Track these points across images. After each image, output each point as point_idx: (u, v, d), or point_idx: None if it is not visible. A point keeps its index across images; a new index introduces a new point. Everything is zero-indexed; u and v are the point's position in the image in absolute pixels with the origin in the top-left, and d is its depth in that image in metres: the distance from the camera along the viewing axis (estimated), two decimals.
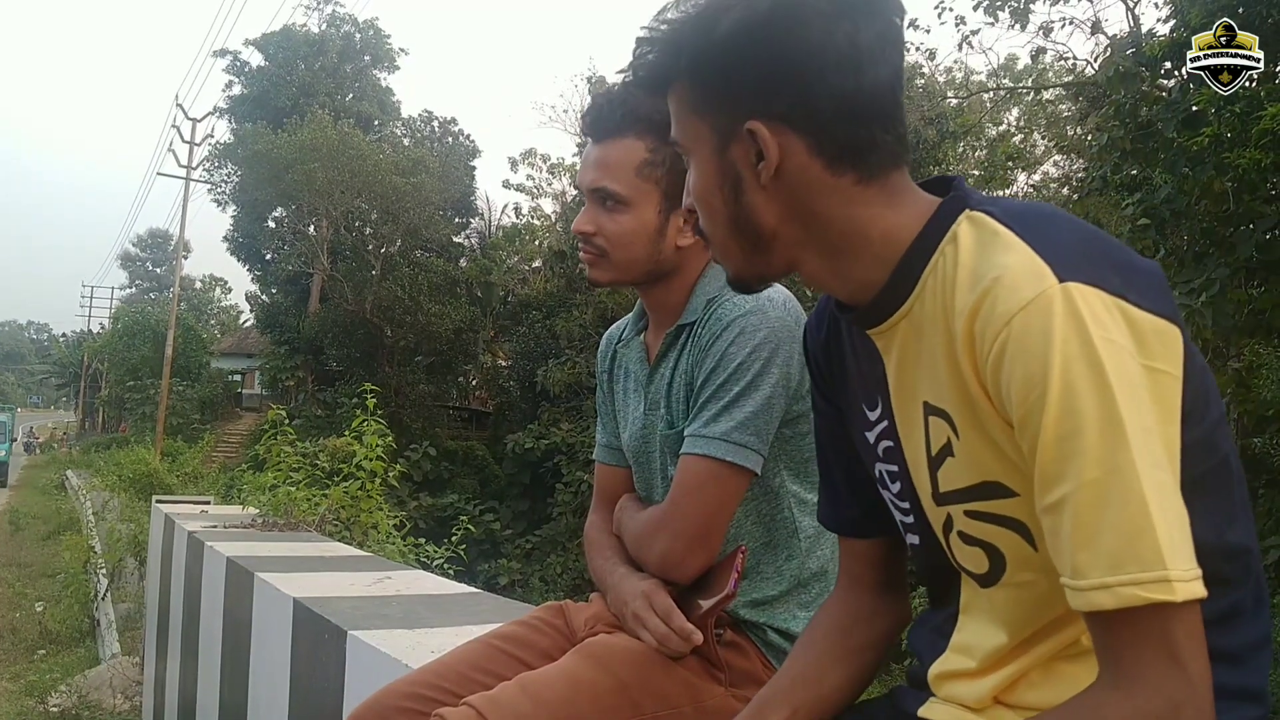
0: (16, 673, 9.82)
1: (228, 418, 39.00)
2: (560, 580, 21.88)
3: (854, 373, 1.19)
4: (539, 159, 34.58)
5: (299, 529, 5.42)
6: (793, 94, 1.02)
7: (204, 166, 32.46)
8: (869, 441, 1.18)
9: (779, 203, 1.06)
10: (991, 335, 0.91)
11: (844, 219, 1.05)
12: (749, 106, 1.04)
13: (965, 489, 1.03)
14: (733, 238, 1.10)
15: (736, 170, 1.07)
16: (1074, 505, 0.86)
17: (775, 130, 1.03)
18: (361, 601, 2.95)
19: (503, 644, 1.69)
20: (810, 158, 1.03)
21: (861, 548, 1.29)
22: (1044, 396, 0.87)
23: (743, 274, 1.14)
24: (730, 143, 1.06)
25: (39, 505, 25.27)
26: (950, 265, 0.99)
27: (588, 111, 1.69)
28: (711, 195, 1.09)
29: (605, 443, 1.89)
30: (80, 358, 62.62)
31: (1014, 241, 0.95)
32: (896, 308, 1.06)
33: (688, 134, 1.11)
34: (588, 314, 24.75)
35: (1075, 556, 0.86)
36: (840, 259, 1.07)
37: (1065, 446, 0.87)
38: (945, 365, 1.00)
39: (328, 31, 38.69)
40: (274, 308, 36.42)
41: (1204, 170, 8.77)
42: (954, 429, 1.02)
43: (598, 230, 1.66)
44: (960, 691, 1.10)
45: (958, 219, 1.01)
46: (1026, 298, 0.89)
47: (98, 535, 14.36)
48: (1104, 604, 0.85)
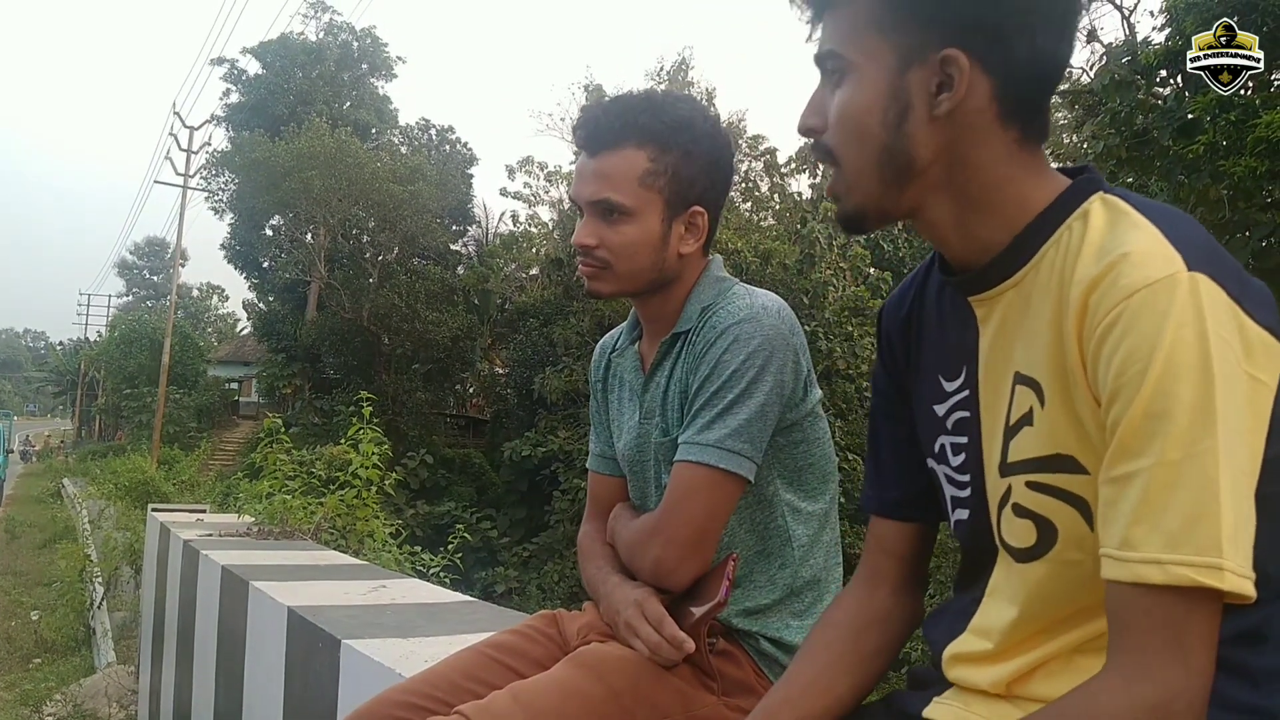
0: (11, 681, 9.78)
1: (225, 426, 38.98)
2: (558, 588, 21.83)
3: (936, 343, 1.19)
4: (536, 167, 34.53)
5: (294, 537, 5.42)
6: (999, 35, 1.01)
7: (201, 174, 32.58)
8: (937, 415, 1.17)
9: (940, 139, 1.04)
10: (1108, 306, 0.92)
11: (993, 173, 1.05)
12: (948, 34, 1.02)
13: (1035, 459, 1.03)
14: (876, 166, 1.07)
15: (909, 96, 1.04)
16: (1146, 480, 0.87)
17: (971, 65, 1.02)
18: (356, 610, 2.94)
19: (495, 653, 1.69)
20: (989, 103, 1.03)
21: (893, 536, 1.29)
22: (1145, 372, 0.88)
23: (866, 208, 1.11)
24: (912, 66, 1.03)
25: (35, 513, 25.20)
26: (1076, 239, 0.99)
27: (581, 125, 1.68)
28: (869, 117, 1.06)
29: (599, 451, 1.89)
30: (77, 366, 62.54)
31: (1145, 224, 0.95)
32: (1010, 274, 1.05)
33: (857, 49, 1.06)
34: (585, 321, 24.74)
35: (1131, 529, 0.87)
36: (971, 213, 1.07)
37: (1153, 424, 0.87)
38: (1048, 335, 1.00)
39: (325, 40, 38.73)
40: (271, 316, 36.39)
41: (1200, 178, 8.79)
42: (1040, 399, 1.02)
43: (600, 243, 1.65)
44: (974, 676, 1.10)
45: (1091, 198, 1.02)
46: (1153, 276, 0.90)
47: (94, 544, 14.32)
48: (1151, 578, 0.86)
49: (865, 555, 1.32)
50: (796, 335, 1.62)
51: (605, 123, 1.65)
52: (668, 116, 1.64)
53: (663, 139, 1.63)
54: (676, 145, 1.63)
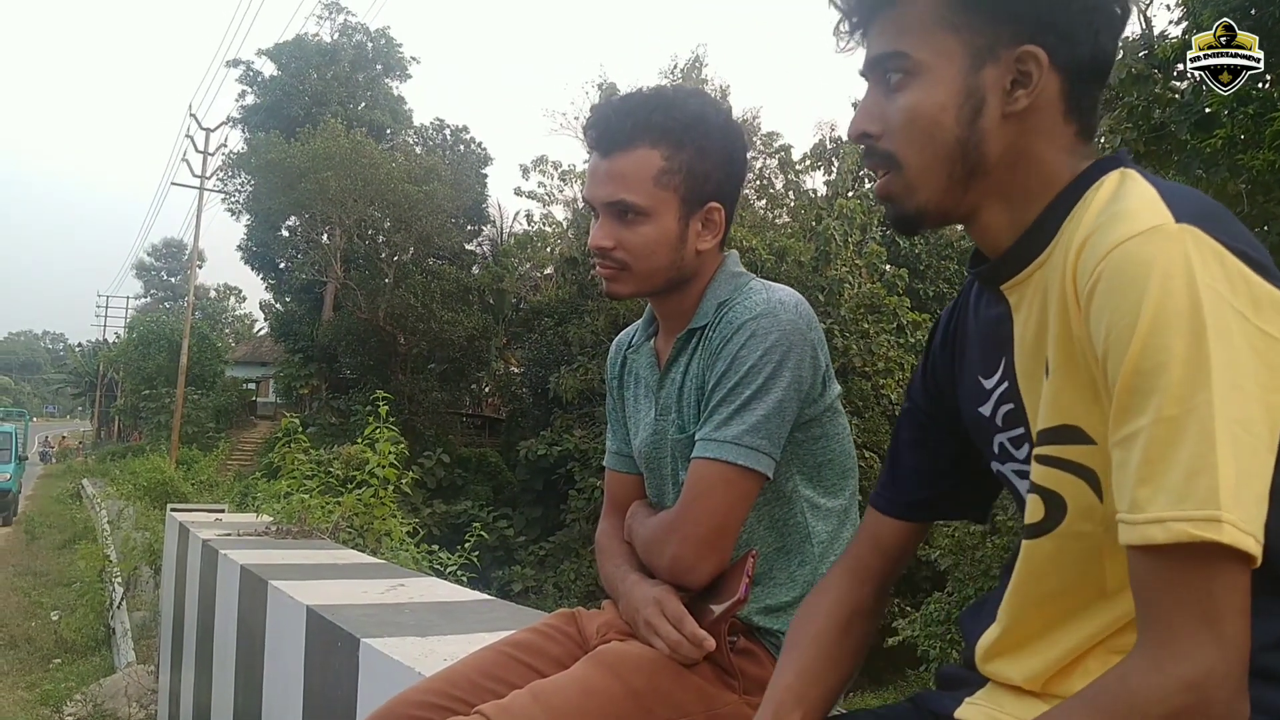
0: (32, 681, 9.85)
1: (242, 426, 39.13)
2: (574, 587, 21.86)
3: (977, 346, 1.18)
4: (550, 166, 34.60)
5: (312, 536, 5.43)
6: (1067, 33, 1.02)
7: (218, 176, 32.63)
8: (985, 416, 1.16)
9: (1011, 136, 1.05)
10: (1093, 262, 0.91)
11: (1050, 168, 1.05)
12: (1023, 32, 1.03)
13: (1043, 431, 1.02)
14: (945, 164, 1.06)
15: (983, 93, 1.04)
16: (1146, 439, 0.85)
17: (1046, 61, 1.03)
18: (374, 609, 2.95)
19: (514, 651, 1.68)
20: (1057, 98, 1.04)
21: (891, 537, 1.29)
22: (1132, 327, 0.86)
23: (927, 208, 1.10)
24: (985, 63, 1.04)
25: (55, 514, 25.36)
26: (1084, 209, 0.99)
27: (592, 125, 1.66)
28: (943, 114, 1.05)
29: (615, 449, 1.88)
30: (96, 367, 62.81)
31: (1145, 188, 0.95)
32: (1034, 257, 1.05)
33: (928, 48, 1.06)
34: (600, 320, 24.75)
35: (1136, 490, 0.85)
36: (1025, 207, 1.07)
37: (1146, 381, 0.86)
38: (1057, 305, 0.99)
39: (340, 41, 38.81)
40: (288, 316, 36.53)
41: (1218, 172, 8.72)
42: (1047, 369, 1.01)
43: (618, 244, 1.64)
44: (1008, 670, 1.09)
45: (1110, 172, 1.02)
46: (1136, 230, 0.89)
47: (113, 544, 14.41)
48: (1155, 537, 0.83)
49: (856, 548, 1.32)
50: (814, 330, 1.61)
51: (617, 122, 1.64)
52: (680, 113, 1.63)
53: (676, 136, 1.62)
54: (690, 142, 1.62)
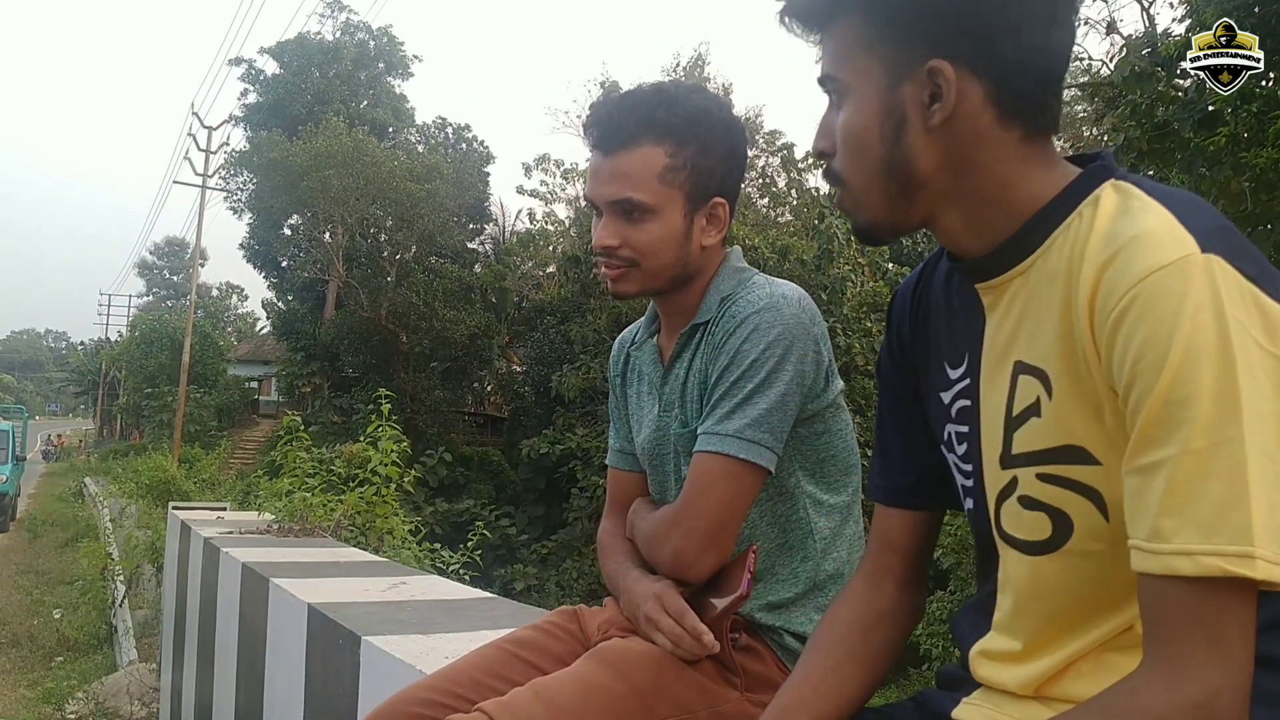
0: (34, 679, 9.86)
1: (245, 424, 39.18)
2: (576, 585, 21.87)
3: (944, 330, 1.18)
4: (552, 164, 34.54)
5: (314, 534, 5.43)
6: (982, 39, 1.00)
7: (220, 174, 32.62)
8: (943, 402, 1.17)
9: (940, 148, 1.04)
10: (1121, 290, 0.90)
11: (998, 173, 1.04)
12: (933, 46, 1.01)
13: (1044, 451, 1.01)
14: (880, 181, 1.07)
15: (904, 110, 1.04)
16: (1172, 470, 0.85)
17: (958, 73, 1.01)
18: (376, 607, 2.95)
19: (516, 649, 1.68)
20: (984, 106, 1.02)
21: (898, 529, 1.28)
22: (1163, 358, 0.86)
23: (877, 222, 1.11)
24: (902, 81, 1.03)
25: (57, 512, 25.39)
26: (1086, 225, 0.98)
27: (593, 124, 1.65)
28: (868, 134, 1.06)
29: (618, 447, 1.88)
30: (98, 365, 62.88)
31: (1157, 208, 0.93)
32: (1018, 262, 1.04)
33: (850, 70, 1.07)
34: (602, 319, 24.74)
35: (1161, 520, 0.85)
36: (982, 213, 1.06)
37: (1175, 412, 0.85)
38: (1056, 323, 0.99)
39: (342, 39, 38.80)
40: (290, 315, 36.52)
41: (1221, 170, 8.72)
42: (1048, 389, 1.00)
43: (624, 243, 1.63)
44: (1002, 676, 1.09)
45: (1102, 184, 1.00)
46: (1167, 259, 0.88)
47: (115, 542, 14.42)
48: (1182, 569, 0.83)
49: (868, 550, 1.31)
50: (817, 325, 1.60)
51: (619, 120, 1.63)
52: (682, 109, 1.62)
53: (679, 133, 1.61)
54: (694, 138, 1.62)
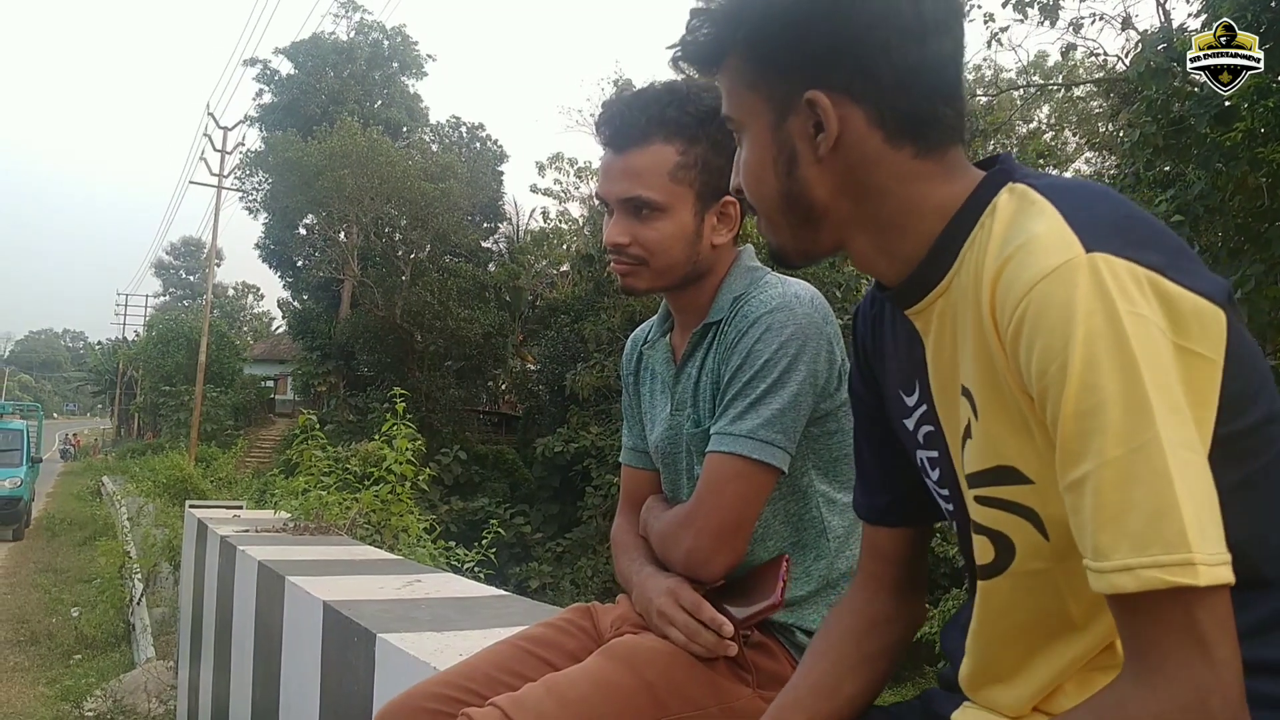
0: (53, 677, 9.92)
1: (261, 423, 39.30)
2: (591, 583, 21.88)
3: (893, 358, 1.18)
4: (566, 163, 34.68)
5: (330, 533, 5.45)
6: (854, 64, 1.00)
7: (235, 174, 32.75)
8: (909, 429, 1.16)
9: (834, 176, 1.04)
10: (1012, 304, 0.88)
11: (899, 194, 1.03)
12: (809, 77, 1.01)
13: (979, 473, 1.01)
14: (782, 213, 1.08)
15: (792, 144, 1.04)
16: (1095, 484, 0.82)
17: (836, 101, 1.01)
18: (391, 604, 2.96)
19: (529, 645, 1.69)
20: (870, 129, 1.01)
21: (887, 542, 1.27)
22: (1064, 370, 0.84)
23: (787, 249, 1.12)
24: (787, 116, 1.04)
25: (75, 511, 25.53)
26: (986, 236, 0.97)
27: (605, 122, 1.66)
28: (764, 170, 1.07)
29: (631, 445, 1.88)
30: (115, 365, 63.13)
31: (1047, 209, 0.92)
32: (935, 284, 1.03)
33: (741, 109, 1.08)
34: (615, 317, 24.74)
35: (1097, 537, 0.82)
36: (890, 236, 1.05)
37: (1086, 423, 0.83)
38: (973, 341, 0.98)
39: (356, 39, 38.92)
40: (305, 314, 36.65)
41: (1238, 166, 8.66)
42: (974, 409, 0.99)
43: (634, 240, 1.64)
44: (997, 698, 1.08)
45: (1000, 191, 0.99)
46: (1049, 266, 0.86)
47: (133, 540, 14.49)
48: (1126, 586, 0.81)
49: (861, 560, 1.31)
50: (830, 324, 1.60)
51: (630, 118, 1.63)
52: (693, 107, 1.62)
53: (690, 131, 1.62)
54: (705, 136, 1.62)
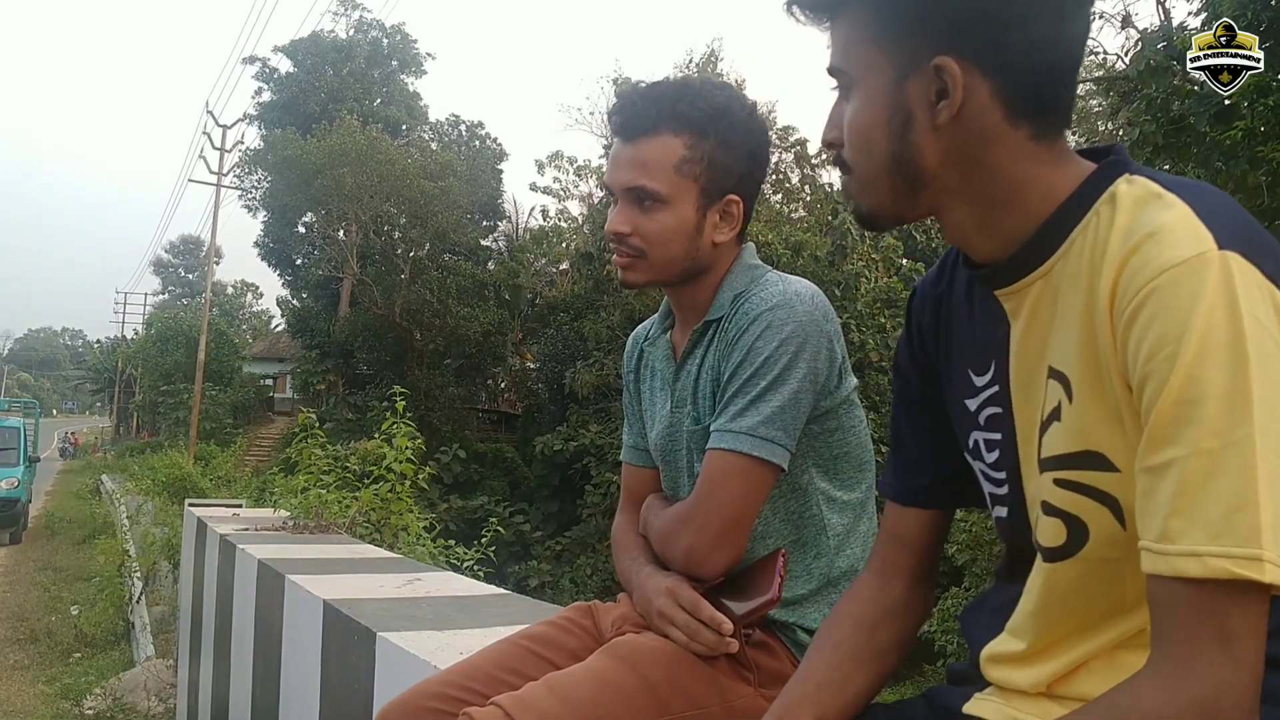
0: (52, 676, 9.93)
1: (260, 422, 39.31)
2: (590, 582, 21.87)
3: (965, 337, 1.17)
4: (566, 161, 34.56)
5: (329, 531, 5.45)
6: (989, 34, 0.98)
7: (234, 173, 32.72)
8: (968, 409, 1.15)
9: (947, 145, 1.02)
10: (1136, 287, 0.89)
11: (1010, 172, 1.02)
12: (940, 41, 1.00)
13: (1064, 455, 1.00)
14: (886, 175, 1.06)
15: (910, 106, 1.02)
16: (1181, 470, 0.84)
17: (964, 70, 0.99)
18: (391, 603, 2.96)
19: (530, 644, 1.68)
20: (992, 103, 1.00)
21: (912, 526, 1.27)
22: (1175, 356, 0.85)
23: (881, 213, 1.10)
24: (909, 77, 1.02)
25: (74, 510, 25.53)
26: (1105, 224, 0.96)
27: (616, 111, 1.67)
28: (874, 130, 1.05)
29: (632, 443, 1.88)
30: (114, 363, 63.06)
31: (1175, 202, 0.92)
32: (1037, 265, 1.03)
33: (856, 62, 1.06)
34: (615, 315, 24.74)
35: (1169, 521, 0.84)
36: (994, 212, 1.04)
37: (1185, 411, 0.84)
38: (1078, 326, 0.97)
39: (355, 37, 38.90)
40: (304, 312, 36.64)
41: (1238, 164, 8.67)
42: (1068, 392, 0.99)
43: (634, 230, 1.64)
44: (1014, 677, 1.08)
45: (1116, 180, 0.99)
46: (1181, 256, 0.87)
47: (132, 539, 14.48)
48: (1190, 571, 0.83)
49: (878, 547, 1.30)
50: (830, 322, 1.60)
51: (642, 109, 1.64)
52: (705, 104, 1.63)
53: (700, 126, 1.62)
54: (713, 133, 1.62)
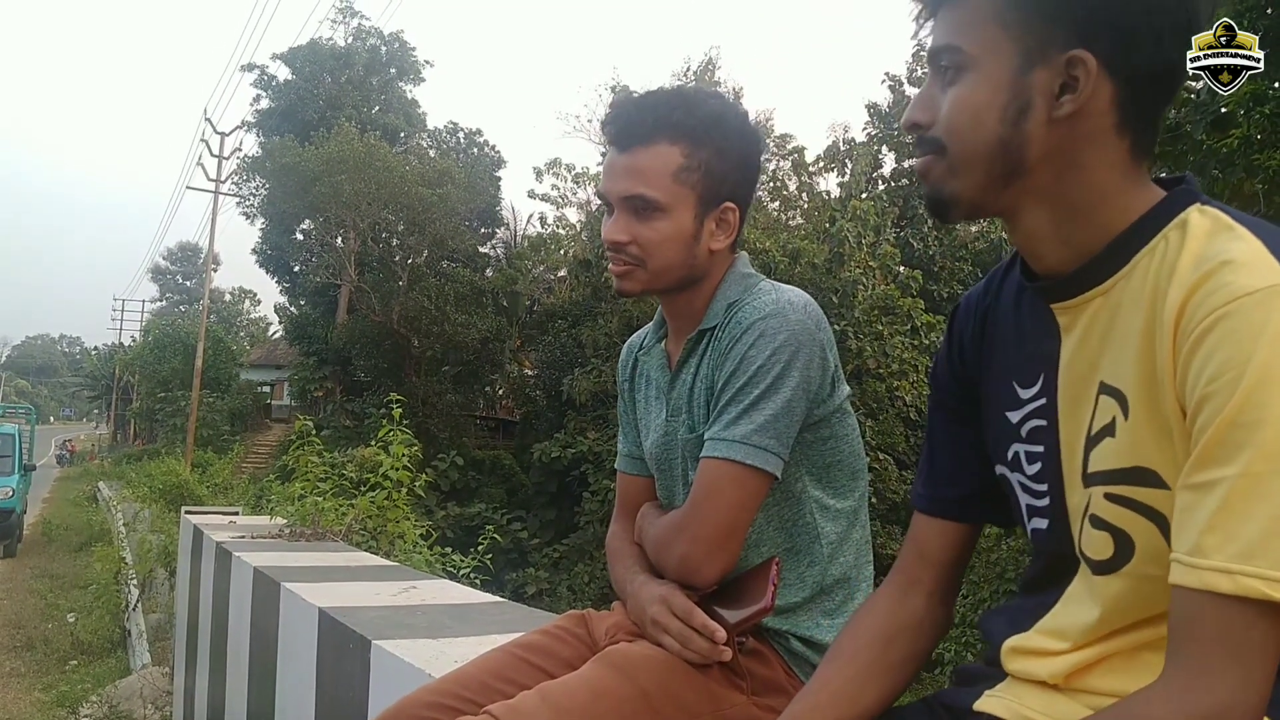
0: (49, 683, 9.91)
1: (257, 429, 39.26)
2: (588, 589, 21.86)
3: (1011, 348, 1.17)
4: (564, 169, 34.58)
5: (326, 539, 5.45)
6: (1125, 38, 0.99)
7: (233, 180, 32.71)
8: (1010, 421, 1.15)
9: (1054, 142, 1.02)
10: (1205, 312, 0.90)
11: (1100, 181, 1.03)
12: (1074, 35, 1.00)
13: (1115, 471, 1.01)
14: (987, 161, 1.05)
15: (1031, 94, 1.02)
16: (1228, 489, 0.85)
17: (1098, 68, 0.99)
18: (387, 611, 2.96)
19: (524, 653, 1.68)
20: (1109, 108, 1.01)
21: (939, 539, 1.26)
22: (1237, 381, 0.86)
23: (965, 198, 1.08)
24: (1035, 65, 1.01)
25: (71, 517, 25.50)
26: (1174, 248, 0.97)
27: (611, 120, 1.67)
28: (988, 112, 1.03)
29: (627, 452, 1.88)
30: (112, 370, 63.08)
31: (1247, 234, 0.93)
32: (1100, 282, 1.03)
33: (978, 42, 1.04)
34: (613, 323, 24.76)
35: (1204, 536, 0.86)
36: (1073, 220, 1.04)
37: (1240, 434, 0.86)
38: (1138, 344, 0.98)
39: (354, 45, 38.89)
40: (302, 319, 36.61)
41: (1234, 172, 8.69)
42: (1124, 409, 1.00)
43: (632, 239, 1.64)
44: (1034, 668, 1.09)
45: (1189, 208, 1.00)
46: (1254, 286, 0.88)
47: (129, 546, 14.48)
48: (1220, 586, 0.84)
49: (901, 559, 1.30)
50: (823, 330, 1.61)
51: (638, 118, 1.64)
52: (700, 112, 1.64)
53: (696, 135, 1.63)
54: (709, 141, 1.63)
